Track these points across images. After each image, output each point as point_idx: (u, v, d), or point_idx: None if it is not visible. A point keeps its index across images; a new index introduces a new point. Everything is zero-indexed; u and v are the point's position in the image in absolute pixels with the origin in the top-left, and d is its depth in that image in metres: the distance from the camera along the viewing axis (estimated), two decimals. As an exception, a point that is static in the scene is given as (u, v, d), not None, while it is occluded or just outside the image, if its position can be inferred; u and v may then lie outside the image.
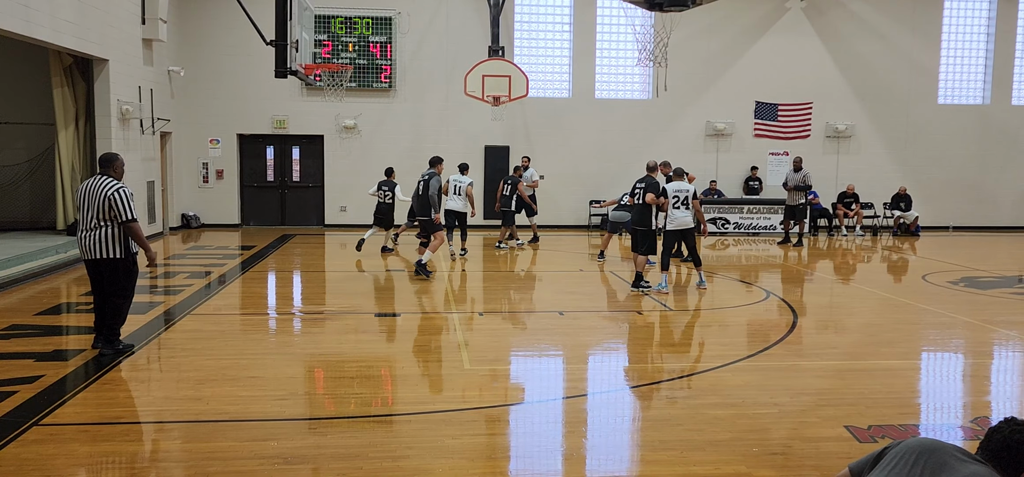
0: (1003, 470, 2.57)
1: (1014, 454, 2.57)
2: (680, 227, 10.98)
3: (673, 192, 10.91)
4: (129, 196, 7.05)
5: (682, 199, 10.90)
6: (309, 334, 8.53)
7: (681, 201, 10.89)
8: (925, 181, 20.71)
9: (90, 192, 7.01)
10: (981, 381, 7.20)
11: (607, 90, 20.12)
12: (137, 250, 7.23)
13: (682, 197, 10.90)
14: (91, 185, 7.04)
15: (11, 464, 4.75)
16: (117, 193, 6.95)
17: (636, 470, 4.99)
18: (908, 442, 2.75)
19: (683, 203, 10.90)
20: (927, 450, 2.65)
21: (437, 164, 12.37)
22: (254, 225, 19.51)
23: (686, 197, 10.93)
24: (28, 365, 6.91)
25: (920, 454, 2.63)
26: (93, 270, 7.18)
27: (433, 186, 11.87)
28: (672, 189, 10.95)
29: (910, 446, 2.70)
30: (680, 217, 10.92)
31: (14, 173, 16.53)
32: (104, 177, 7.06)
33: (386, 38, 18.90)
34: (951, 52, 20.95)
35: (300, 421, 5.64)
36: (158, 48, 16.72)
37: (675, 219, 10.94)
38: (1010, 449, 2.58)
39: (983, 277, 12.93)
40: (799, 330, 8.79)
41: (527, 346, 8.22)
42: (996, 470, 2.57)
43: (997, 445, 2.61)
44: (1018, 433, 2.60)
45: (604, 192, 19.54)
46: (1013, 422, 2.66)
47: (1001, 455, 2.59)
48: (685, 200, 10.92)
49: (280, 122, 19.11)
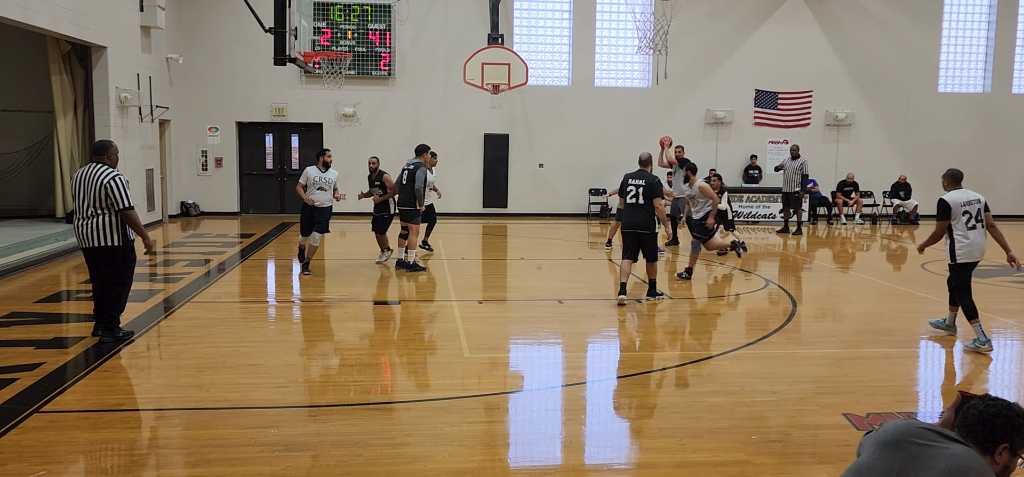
0: (980, 445, 2.61)
1: (990, 428, 2.61)
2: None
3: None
4: (125, 183, 7.05)
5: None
6: (309, 322, 8.54)
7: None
8: (925, 169, 20.67)
9: (85, 180, 6.99)
10: (979, 369, 7.22)
11: (607, 78, 20.08)
12: (135, 237, 7.23)
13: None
14: (86, 173, 7.03)
15: (12, 451, 4.77)
16: (113, 181, 6.95)
17: (635, 458, 5.01)
18: (878, 436, 2.75)
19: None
20: (898, 440, 2.65)
21: (423, 153, 11.60)
22: (253, 213, 19.50)
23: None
24: (28, 352, 6.92)
25: (894, 446, 2.64)
26: (91, 258, 7.18)
27: (419, 177, 11.17)
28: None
29: (881, 440, 2.71)
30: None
31: (13, 161, 16.51)
32: (98, 165, 7.04)
33: (385, 25, 18.84)
34: (951, 40, 20.89)
35: (300, 408, 5.65)
36: (156, 35, 16.67)
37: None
38: (985, 422, 2.62)
39: (982, 266, 12.90)
40: (798, 318, 8.81)
41: (526, 334, 8.24)
42: (973, 446, 2.61)
43: (974, 420, 2.65)
44: (993, 407, 2.64)
45: (604, 181, 19.54)
46: (987, 398, 2.71)
47: (978, 430, 2.63)
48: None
49: (279, 110, 19.08)
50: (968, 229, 7.52)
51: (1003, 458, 2.60)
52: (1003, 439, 2.60)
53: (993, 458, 2.60)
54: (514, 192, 19.89)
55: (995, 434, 2.60)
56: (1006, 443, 2.59)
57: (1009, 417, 2.62)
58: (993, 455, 2.60)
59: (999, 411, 2.63)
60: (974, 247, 7.58)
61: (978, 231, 7.57)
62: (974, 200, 7.61)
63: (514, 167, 19.79)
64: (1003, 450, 2.59)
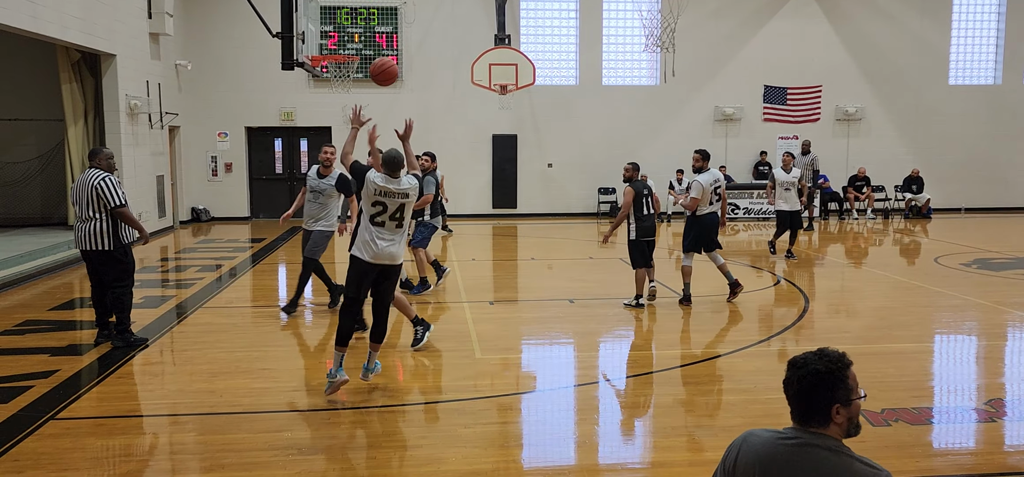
0: (815, 420, 2.51)
1: (810, 397, 2.51)
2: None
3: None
4: (115, 183, 7.23)
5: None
6: (320, 326, 8.56)
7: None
8: (936, 163, 20.54)
9: (79, 186, 7.23)
10: (995, 363, 7.16)
11: (614, 76, 20.04)
12: (129, 241, 7.35)
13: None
14: (81, 179, 7.27)
15: (29, 458, 4.79)
16: (102, 182, 7.13)
17: (648, 457, 4.99)
18: (740, 458, 2.66)
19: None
20: (760, 458, 2.56)
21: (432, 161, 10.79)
22: (263, 218, 19.56)
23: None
24: (43, 360, 6.96)
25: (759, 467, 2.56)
26: (88, 261, 7.42)
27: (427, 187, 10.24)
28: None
29: (747, 461, 2.62)
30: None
31: (25, 169, 16.61)
32: (92, 170, 7.26)
33: (392, 28, 18.87)
34: (961, 32, 20.73)
35: (313, 412, 5.66)
36: (165, 42, 16.75)
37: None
38: (803, 396, 2.53)
39: (996, 259, 12.84)
40: (811, 315, 8.76)
41: (538, 334, 8.22)
42: (807, 424, 2.52)
43: (796, 400, 2.56)
44: (805, 379, 2.53)
45: (613, 180, 19.48)
46: (791, 370, 2.59)
47: (804, 407, 2.54)
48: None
49: (288, 114, 19.14)
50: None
51: (841, 416, 2.49)
52: (830, 402, 2.48)
53: (833, 422, 2.49)
54: (523, 192, 19.88)
55: (821, 402, 2.49)
56: (835, 403, 2.48)
57: (823, 377, 2.50)
58: (831, 419, 2.49)
59: (811, 381, 2.51)
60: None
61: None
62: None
63: (523, 167, 19.78)
64: (838, 409, 2.48)
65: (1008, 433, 5.42)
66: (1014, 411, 5.73)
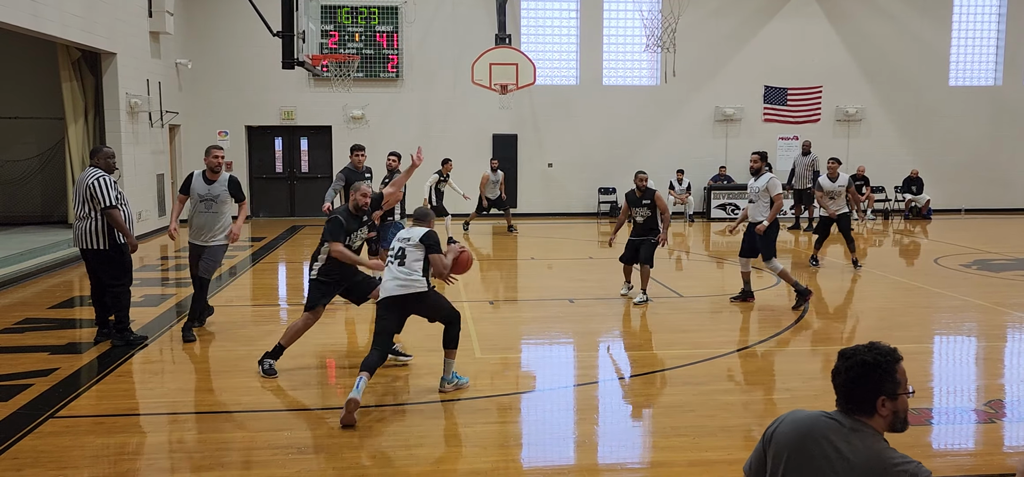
0: (859, 409, 2.57)
1: (856, 387, 2.57)
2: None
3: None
4: (109, 183, 7.18)
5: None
6: (321, 324, 8.52)
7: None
8: (936, 163, 20.53)
9: (78, 184, 7.25)
10: (994, 364, 7.16)
11: (615, 76, 20.02)
12: (125, 241, 7.30)
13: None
14: (80, 177, 7.28)
15: (28, 456, 4.79)
16: (96, 181, 7.11)
17: (648, 457, 4.99)
18: (778, 438, 2.69)
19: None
20: (795, 443, 2.61)
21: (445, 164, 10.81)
22: (264, 216, 19.55)
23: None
24: (43, 358, 6.96)
25: (789, 452, 2.60)
26: (84, 259, 7.43)
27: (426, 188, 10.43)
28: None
29: (780, 443, 2.66)
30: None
31: (25, 168, 16.61)
32: (90, 168, 7.27)
33: (392, 27, 18.87)
34: (962, 33, 20.72)
35: (313, 411, 5.66)
36: (165, 41, 16.74)
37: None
38: (849, 386, 2.58)
39: (996, 260, 12.84)
40: (811, 315, 8.76)
41: (538, 334, 8.22)
42: (852, 414, 2.57)
43: (843, 390, 2.61)
44: (852, 370, 2.58)
45: (613, 179, 19.49)
46: (842, 360, 2.63)
47: (851, 397, 2.59)
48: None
49: (288, 113, 19.13)
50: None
51: (887, 409, 2.55)
52: (876, 393, 2.54)
53: (877, 413, 2.55)
54: (524, 192, 19.87)
55: (867, 393, 2.54)
56: (881, 395, 2.54)
57: (871, 368, 2.55)
58: (876, 411, 2.55)
59: (858, 371, 2.56)
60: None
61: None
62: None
63: (523, 167, 19.77)
64: (884, 402, 2.54)
65: (1008, 434, 5.43)
66: (1014, 412, 5.73)
